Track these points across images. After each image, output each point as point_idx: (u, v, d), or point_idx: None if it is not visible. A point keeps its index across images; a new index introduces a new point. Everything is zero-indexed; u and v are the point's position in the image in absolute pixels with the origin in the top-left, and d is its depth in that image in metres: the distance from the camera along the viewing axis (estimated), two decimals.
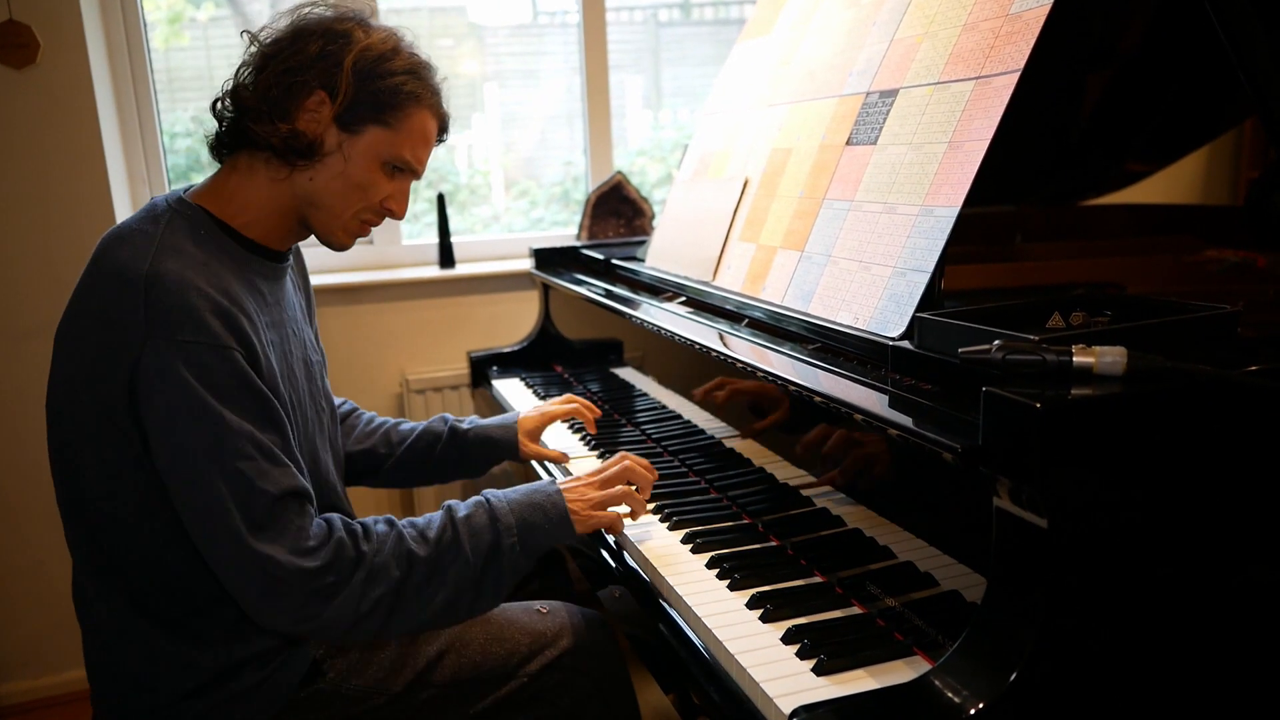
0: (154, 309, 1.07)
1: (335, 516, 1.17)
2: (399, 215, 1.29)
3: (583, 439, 1.80)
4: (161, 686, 1.18)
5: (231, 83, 1.23)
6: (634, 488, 1.34)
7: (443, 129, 1.31)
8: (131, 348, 1.07)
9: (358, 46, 1.19)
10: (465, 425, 1.65)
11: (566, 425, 1.89)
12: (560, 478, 1.35)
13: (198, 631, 1.18)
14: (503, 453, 1.65)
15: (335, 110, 1.19)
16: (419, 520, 1.21)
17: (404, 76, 1.21)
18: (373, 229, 1.31)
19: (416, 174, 1.29)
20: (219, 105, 1.23)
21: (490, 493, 1.27)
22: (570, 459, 1.68)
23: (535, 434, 1.68)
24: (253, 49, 1.23)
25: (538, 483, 1.31)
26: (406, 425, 1.66)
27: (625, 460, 1.35)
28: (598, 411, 1.72)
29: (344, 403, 1.67)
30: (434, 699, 1.25)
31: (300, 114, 1.19)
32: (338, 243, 1.28)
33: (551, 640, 1.31)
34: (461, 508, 1.23)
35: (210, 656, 1.17)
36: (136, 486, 1.13)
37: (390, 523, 1.20)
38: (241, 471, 1.08)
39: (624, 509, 1.33)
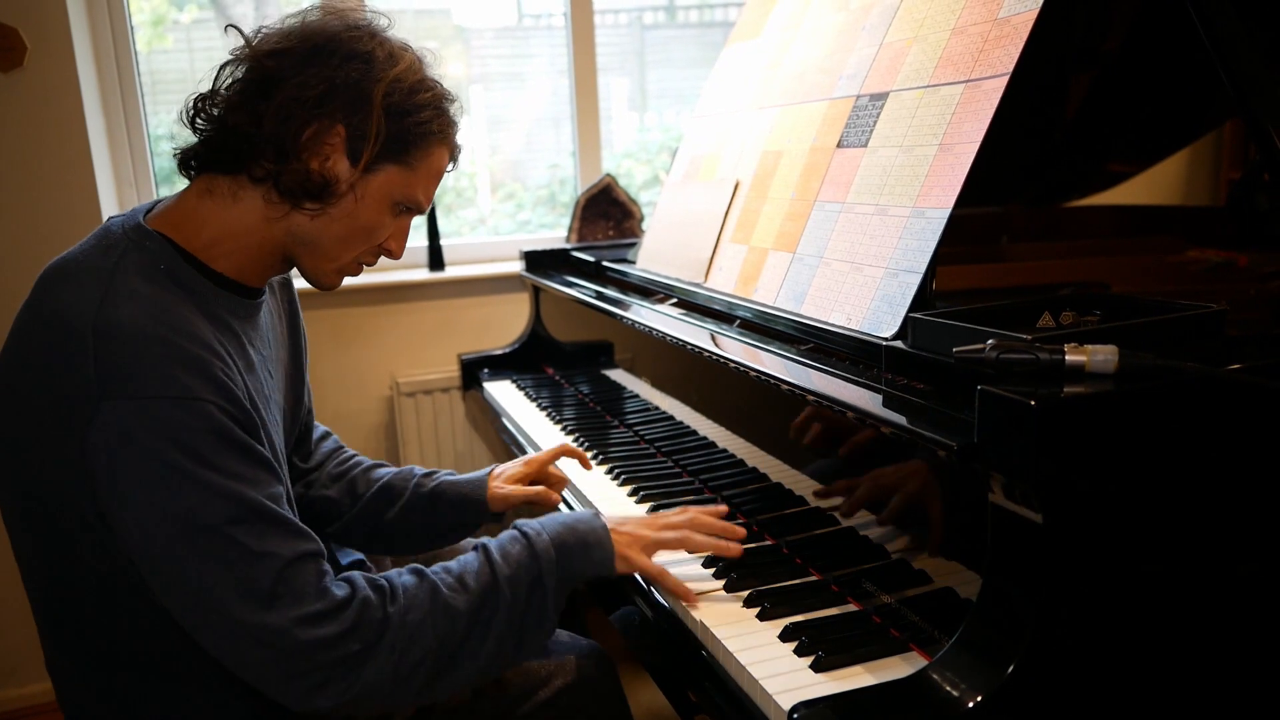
0: (105, 364, 0.92)
1: (357, 575, 1.02)
2: (397, 255, 1.16)
3: (576, 440, 1.81)
4: None
5: (216, 93, 1.06)
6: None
7: (453, 159, 1.17)
8: (81, 411, 0.92)
9: (388, 78, 1.04)
10: (435, 476, 1.44)
11: (560, 428, 1.90)
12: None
13: (180, 709, 1.07)
14: (471, 507, 1.41)
15: (363, 151, 1.04)
16: (453, 565, 1.07)
17: (430, 112, 1.08)
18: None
19: (423, 212, 1.15)
20: (197, 117, 1.06)
21: (524, 523, 1.14)
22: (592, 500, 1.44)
23: (512, 480, 1.45)
24: (243, 50, 1.05)
25: (577, 512, 1.20)
26: (382, 470, 1.44)
27: (690, 511, 1.22)
28: (584, 457, 1.55)
29: (325, 434, 1.49)
30: None
31: (316, 151, 1.03)
32: (328, 284, 1.14)
33: (546, 679, 1.21)
34: (495, 546, 1.10)
35: None
36: (92, 567, 1.00)
37: (419, 573, 1.05)
38: (235, 540, 0.93)
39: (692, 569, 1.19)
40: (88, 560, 1.00)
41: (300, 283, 1.24)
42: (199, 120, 1.06)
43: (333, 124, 1.03)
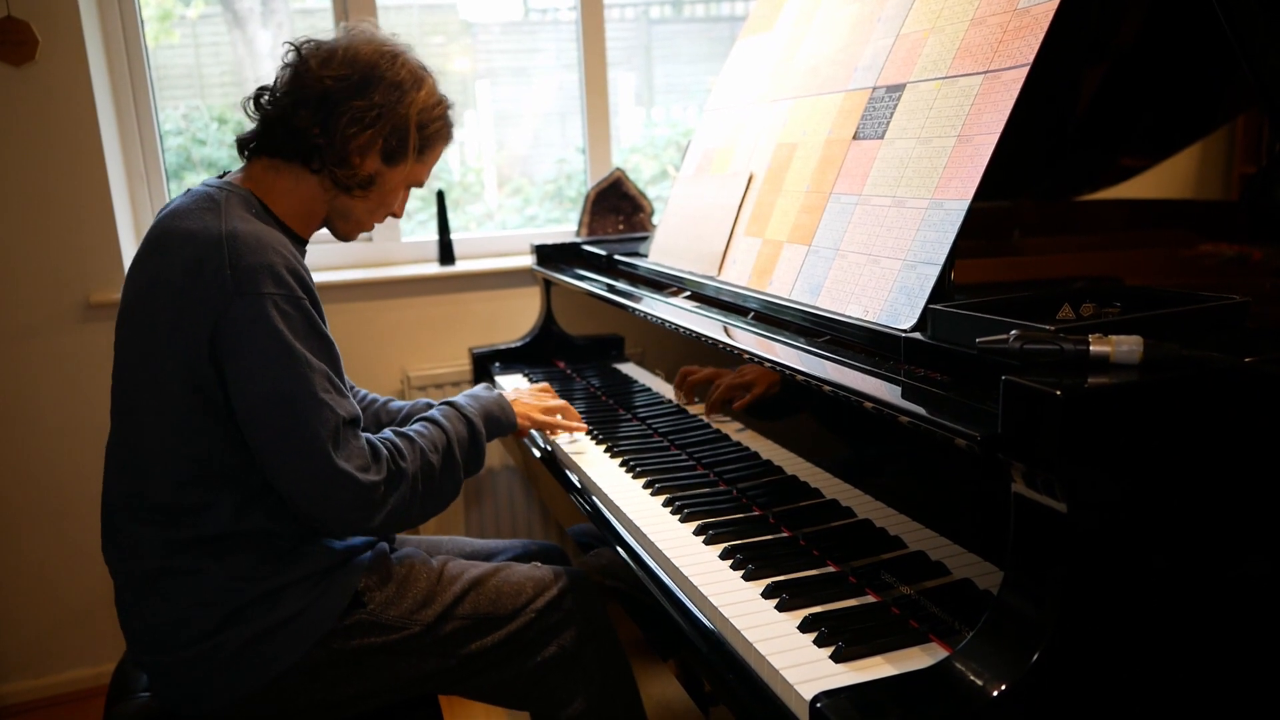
0: (239, 266, 1.23)
1: (373, 438, 1.36)
2: (400, 215, 1.57)
3: (589, 434, 1.81)
4: (203, 614, 1.29)
5: (274, 88, 1.38)
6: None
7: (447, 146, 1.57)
8: (216, 301, 1.23)
9: (418, 104, 1.41)
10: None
11: None
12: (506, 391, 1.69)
13: (244, 560, 1.31)
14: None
15: (397, 156, 1.43)
16: (425, 432, 1.44)
17: (441, 122, 1.47)
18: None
19: (421, 186, 1.55)
20: (263, 110, 1.39)
21: (460, 406, 1.54)
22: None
23: None
24: (290, 58, 1.38)
25: (489, 394, 1.61)
26: (397, 404, 1.79)
27: (560, 404, 1.75)
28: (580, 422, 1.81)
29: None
30: (458, 630, 1.44)
31: (366, 159, 1.41)
32: (352, 239, 1.53)
33: (549, 584, 1.53)
34: (445, 422, 1.49)
35: (254, 584, 1.31)
36: (201, 437, 1.28)
37: (409, 439, 1.40)
38: (324, 402, 1.26)
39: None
40: (194, 445, 1.28)
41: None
42: (261, 102, 1.39)
43: (376, 137, 1.40)
